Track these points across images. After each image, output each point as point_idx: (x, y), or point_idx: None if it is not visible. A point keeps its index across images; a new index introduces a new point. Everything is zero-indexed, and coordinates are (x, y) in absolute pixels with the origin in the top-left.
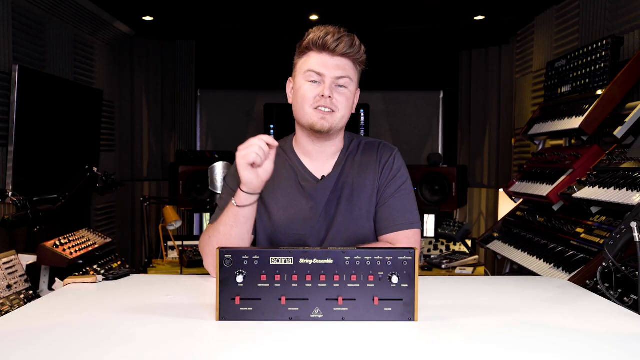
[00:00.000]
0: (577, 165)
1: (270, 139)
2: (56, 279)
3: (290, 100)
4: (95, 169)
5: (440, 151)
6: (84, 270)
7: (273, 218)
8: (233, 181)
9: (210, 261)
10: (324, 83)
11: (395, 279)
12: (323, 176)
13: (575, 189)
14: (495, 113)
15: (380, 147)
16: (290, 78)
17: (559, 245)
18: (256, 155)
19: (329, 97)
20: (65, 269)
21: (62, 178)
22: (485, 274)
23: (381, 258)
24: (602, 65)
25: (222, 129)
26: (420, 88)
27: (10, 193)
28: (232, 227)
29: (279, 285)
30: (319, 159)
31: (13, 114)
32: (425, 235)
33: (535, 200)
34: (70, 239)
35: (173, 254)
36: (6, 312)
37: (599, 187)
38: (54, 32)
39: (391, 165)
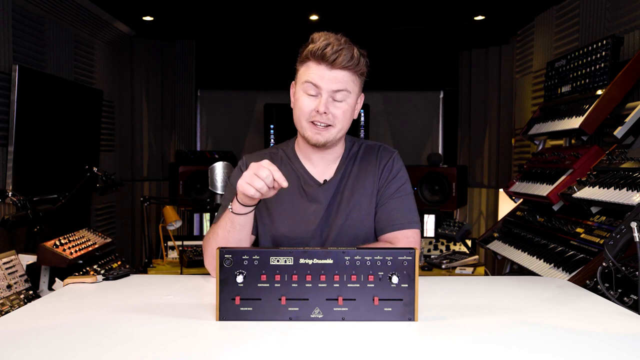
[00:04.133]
0: (577, 165)
1: (281, 179)
2: (56, 279)
3: (292, 105)
4: (95, 169)
5: (440, 151)
6: (84, 270)
7: (276, 222)
8: (235, 182)
9: (210, 261)
10: (320, 96)
11: (395, 279)
12: (325, 180)
13: (575, 189)
14: (495, 113)
15: (379, 150)
16: (293, 82)
17: (559, 245)
18: (255, 191)
19: (325, 112)
20: (65, 269)
21: (62, 178)
22: (485, 274)
23: (381, 258)
24: (602, 65)
25: (222, 129)
26: (420, 88)
27: (10, 193)
28: (229, 232)
29: (279, 285)
30: (321, 163)
31: (13, 114)
32: (425, 235)
33: (535, 200)
34: (70, 239)
35: (173, 254)
36: (6, 312)
37: (599, 187)
38: (54, 32)
39: (390, 168)
